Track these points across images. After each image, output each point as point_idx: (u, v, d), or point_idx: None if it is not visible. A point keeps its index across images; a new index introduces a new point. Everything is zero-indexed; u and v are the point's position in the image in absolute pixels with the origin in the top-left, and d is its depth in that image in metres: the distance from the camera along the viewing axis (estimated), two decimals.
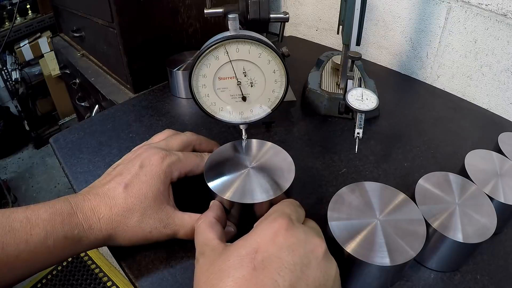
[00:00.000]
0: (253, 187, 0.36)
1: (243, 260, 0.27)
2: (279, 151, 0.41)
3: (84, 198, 0.35)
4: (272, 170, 0.38)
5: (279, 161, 0.39)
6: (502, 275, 0.37)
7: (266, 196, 0.35)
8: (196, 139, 0.43)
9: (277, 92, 0.38)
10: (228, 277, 0.26)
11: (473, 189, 0.38)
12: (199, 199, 0.38)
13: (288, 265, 0.27)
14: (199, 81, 0.37)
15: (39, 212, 0.32)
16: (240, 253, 0.28)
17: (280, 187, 0.36)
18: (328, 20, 0.82)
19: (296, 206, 0.34)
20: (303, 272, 0.27)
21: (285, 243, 0.28)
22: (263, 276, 0.26)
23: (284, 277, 0.26)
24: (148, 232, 0.35)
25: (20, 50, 1.89)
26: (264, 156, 0.40)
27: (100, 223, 0.34)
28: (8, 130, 1.94)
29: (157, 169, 0.37)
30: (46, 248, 0.31)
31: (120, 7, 0.63)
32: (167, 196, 0.37)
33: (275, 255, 0.27)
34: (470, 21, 0.60)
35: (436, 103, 0.64)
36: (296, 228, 0.29)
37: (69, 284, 1.33)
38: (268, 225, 0.29)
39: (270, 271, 0.26)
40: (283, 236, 0.28)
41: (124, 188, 0.35)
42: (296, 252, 0.28)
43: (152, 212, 0.35)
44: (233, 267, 0.27)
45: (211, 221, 0.33)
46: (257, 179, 0.37)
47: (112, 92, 0.76)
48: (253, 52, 0.36)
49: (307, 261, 0.28)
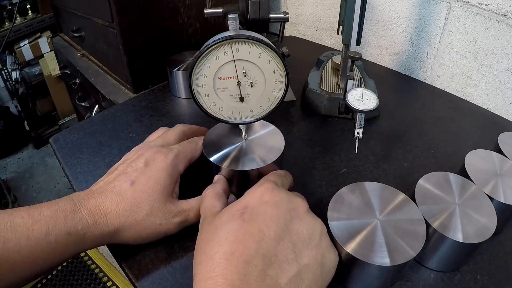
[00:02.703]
0: (246, 158, 0.40)
1: (234, 215, 0.31)
2: (271, 127, 0.44)
3: (88, 196, 0.35)
4: (264, 144, 0.42)
5: (270, 136, 0.43)
6: (502, 275, 0.37)
7: (257, 164, 0.39)
8: (188, 129, 0.45)
9: (277, 92, 0.38)
10: (221, 229, 0.30)
11: (473, 189, 0.38)
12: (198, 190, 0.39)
13: (273, 218, 0.30)
14: (199, 81, 0.37)
15: (42, 209, 0.33)
16: (231, 210, 0.32)
17: (270, 158, 0.40)
18: (328, 20, 0.82)
19: (281, 176, 0.37)
20: (286, 225, 0.30)
21: (270, 201, 0.32)
22: (250, 227, 0.30)
23: (269, 227, 0.30)
24: (158, 225, 0.36)
25: (20, 50, 1.90)
26: (257, 132, 0.43)
27: (106, 218, 0.34)
28: (8, 130, 1.94)
29: (163, 164, 0.38)
30: (48, 244, 0.31)
31: (120, 7, 0.63)
32: (172, 189, 0.38)
33: (262, 210, 0.31)
34: (470, 21, 0.60)
35: (436, 103, 0.64)
36: (280, 190, 0.33)
37: (69, 284, 1.33)
38: (255, 188, 0.34)
39: (257, 223, 0.30)
40: (268, 195, 0.32)
41: (131, 185, 0.36)
42: (280, 208, 0.31)
43: (161, 205, 0.36)
44: (225, 222, 0.31)
45: (218, 191, 0.37)
46: (250, 152, 0.41)
47: (112, 92, 0.76)
48: (253, 52, 0.36)
49: (290, 217, 0.31)
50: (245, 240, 0.29)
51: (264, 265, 0.28)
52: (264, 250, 0.28)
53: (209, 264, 0.28)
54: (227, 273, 0.27)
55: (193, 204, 0.38)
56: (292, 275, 0.28)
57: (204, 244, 0.31)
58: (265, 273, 0.27)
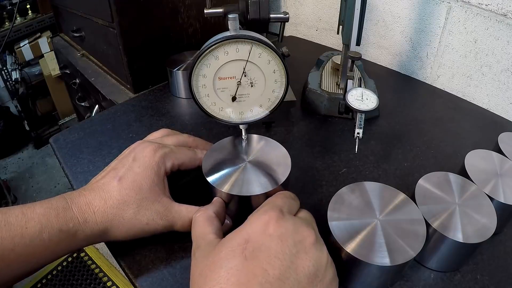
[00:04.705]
0: (250, 180, 0.37)
1: (235, 251, 0.28)
2: (276, 145, 0.41)
3: (80, 193, 0.35)
4: (269, 164, 0.39)
5: (275, 155, 0.40)
6: (502, 275, 0.37)
7: (262, 189, 0.36)
8: (192, 141, 0.43)
9: (277, 92, 0.38)
10: (221, 268, 0.27)
11: (473, 189, 0.38)
12: (197, 193, 0.39)
13: (277, 254, 0.28)
14: (199, 81, 0.37)
15: (35, 207, 0.33)
16: (232, 244, 0.29)
17: (276, 181, 0.37)
18: (328, 20, 0.82)
19: (288, 198, 0.34)
20: (292, 261, 0.28)
21: (274, 234, 0.29)
22: (253, 265, 0.27)
23: (274, 266, 0.27)
24: (145, 224, 0.36)
25: (20, 50, 1.89)
26: (261, 150, 0.41)
27: (95, 216, 0.34)
28: (8, 130, 1.94)
29: (150, 160, 0.37)
30: (41, 241, 0.32)
31: (120, 7, 0.63)
32: (162, 187, 0.37)
33: (265, 245, 0.28)
34: (470, 21, 0.60)
35: (436, 103, 0.64)
36: (286, 219, 0.30)
37: (69, 284, 1.33)
38: (258, 217, 0.30)
39: (260, 261, 0.27)
40: (273, 227, 0.29)
41: (118, 181, 0.35)
42: (285, 242, 0.29)
43: (148, 203, 0.35)
44: (225, 258, 0.28)
45: (210, 215, 0.34)
46: (254, 173, 0.38)
47: (112, 92, 0.76)
48: (253, 52, 0.36)
49: (296, 251, 0.28)
50: (248, 282, 0.26)
51: None
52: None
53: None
54: None
55: (182, 213, 0.36)
56: None
57: (201, 280, 0.28)
58: None
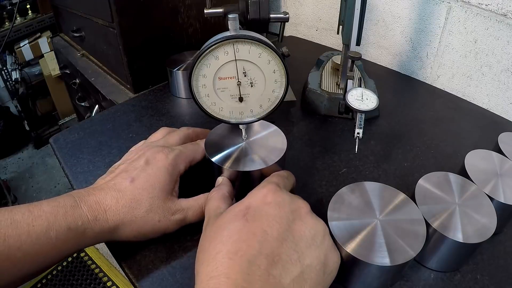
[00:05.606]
0: (250, 158, 0.40)
1: (237, 215, 0.31)
2: (272, 128, 0.44)
3: (89, 192, 0.35)
4: (266, 143, 0.42)
5: (272, 137, 0.43)
6: (502, 275, 0.37)
7: (261, 165, 0.39)
8: (192, 132, 0.45)
9: (277, 92, 0.38)
10: (224, 229, 0.30)
11: (473, 189, 0.38)
12: (195, 189, 0.40)
13: (275, 218, 0.31)
14: (199, 81, 0.37)
15: (42, 205, 0.33)
16: (234, 211, 0.32)
17: (272, 159, 0.40)
18: (328, 20, 0.82)
19: (283, 177, 0.37)
20: (289, 226, 0.31)
21: (273, 202, 0.32)
22: (253, 226, 0.30)
23: (272, 228, 0.30)
24: (157, 221, 0.36)
25: (20, 50, 1.89)
26: (259, 132, 0.43)
27: (106, 214, 0.34)
28: (8, 130, 1.94)
29: (164, 163, 0.38)
30: (49, 240, 0.31)
31: (120, 7, 0.63)
32: (172, 188, 0.38)
33: (264, 210, 0.31)
34: (470, 21, 0.60)
35: (436, 103, 0.64)
36: (282, 192, 0.34)
37: (69, 284, 1.33)
38: (258, 190, 0.34)
39: (260, 223, 0.30)
40: (271, 196, 0.33)
41: (131, 182, 0.36)
42: (283, 209, 0.32)
43: (160, 202, 0.36)
44: (228, 221, 0.31)
45: (224, 193, 0.37)
46: (253, 152, 0.41)
47: (112, 92, 0.76)
48: (253, 52, 0.36)
49: (292, 217, 0.31)
50: (248, 240, 0.29)
51: (268, 265, 0.28)
52: (267, 250, 0.28)
53: (212, 263, 0.28)
54: (230, 272, 0.27)
55: (192, 203, 0.39)
56: (295, 275, 0.28)
57: (207, 243, 0.31)
58: (269, 273, 0.27)
